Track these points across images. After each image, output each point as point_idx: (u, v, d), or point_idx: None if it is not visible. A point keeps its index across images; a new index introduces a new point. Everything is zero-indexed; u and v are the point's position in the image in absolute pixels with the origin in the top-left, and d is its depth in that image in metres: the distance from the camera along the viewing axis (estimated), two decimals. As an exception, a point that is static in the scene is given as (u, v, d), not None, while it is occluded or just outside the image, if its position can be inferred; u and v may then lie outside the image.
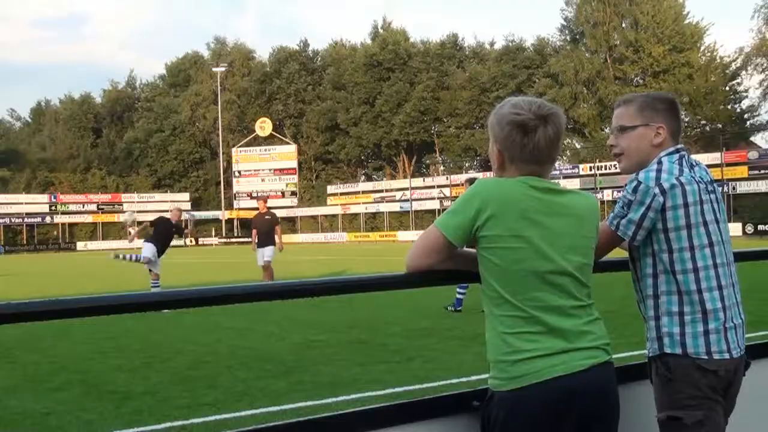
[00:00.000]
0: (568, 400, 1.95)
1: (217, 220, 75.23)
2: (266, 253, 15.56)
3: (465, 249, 2.08)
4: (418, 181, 68.33)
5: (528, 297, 1.97)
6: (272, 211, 16.59)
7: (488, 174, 9.17)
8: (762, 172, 48.14)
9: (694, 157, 2.44)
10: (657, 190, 2.23)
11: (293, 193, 76.44)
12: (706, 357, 2.26)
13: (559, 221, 2.01)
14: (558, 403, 1.94)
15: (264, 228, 15.78)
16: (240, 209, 75.83)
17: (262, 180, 76.28)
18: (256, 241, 15.93)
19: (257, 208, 16.45)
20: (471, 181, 11.35)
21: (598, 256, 2.27)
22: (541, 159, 2.05)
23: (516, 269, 1.96)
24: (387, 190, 69.95)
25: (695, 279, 2.27)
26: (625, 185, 2.31)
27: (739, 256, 2.63)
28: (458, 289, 10.84)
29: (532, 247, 1.96)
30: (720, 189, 2.48)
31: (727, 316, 2.32)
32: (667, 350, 2.26)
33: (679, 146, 2.39)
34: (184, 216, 15.05)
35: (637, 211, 2.24)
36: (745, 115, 58.80)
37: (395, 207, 68.03)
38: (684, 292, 2.27)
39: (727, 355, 2.29)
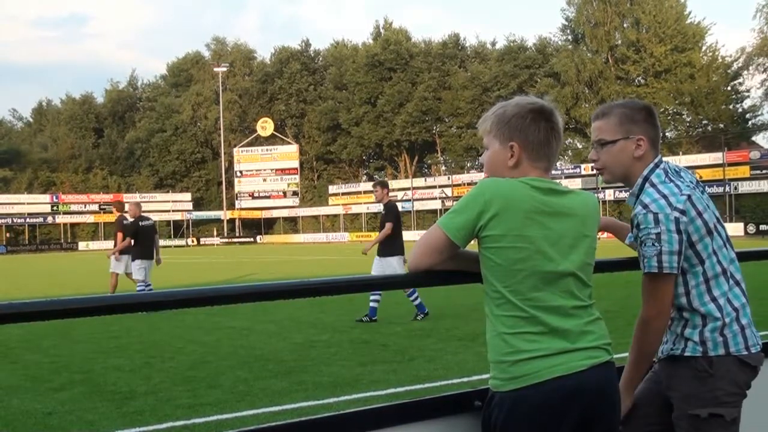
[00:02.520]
0: (569, 400, 1.95)
1: (218, 220, 75.28)
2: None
3: (466, 249, 2.08)
4: (419, 181, 68.34)
5: (529, 297, 1.97)
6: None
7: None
8: (764, 171, 48.11)
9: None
10: (677, 213, 2.23)
11: (295, 193, 76.47)
12: (746, 352, 2.29)
13: (561, 222, 2.01)
14: (558, 404, 1.94)
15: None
16: (242, 209, 75.88)
17: (264, 180, 76.32)
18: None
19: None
20: (382, 183, 10.96)
21: (655, 310, 2.26)
22: (550, 154, 2.08)
23: (518, 269, 1.96)
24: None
25: (725, 280, 2.32)
26: (636, 224, 2.27)
27: (741, 256, 2.63)
28: (371, 297, 10.37)
29: (535, 247, 1.96)
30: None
31: (748, 310, 2.37)
32: (711, 354, 2.28)
33: (656, 160, 2.39)
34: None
35: (671, 241, 2.21)
36: (747, 115, 58.77)
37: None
38: (717, 297, 2.30)
39: (759, 347, 2.34)
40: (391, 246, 10.57)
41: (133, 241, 13.49)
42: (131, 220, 13.58)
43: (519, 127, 2.06)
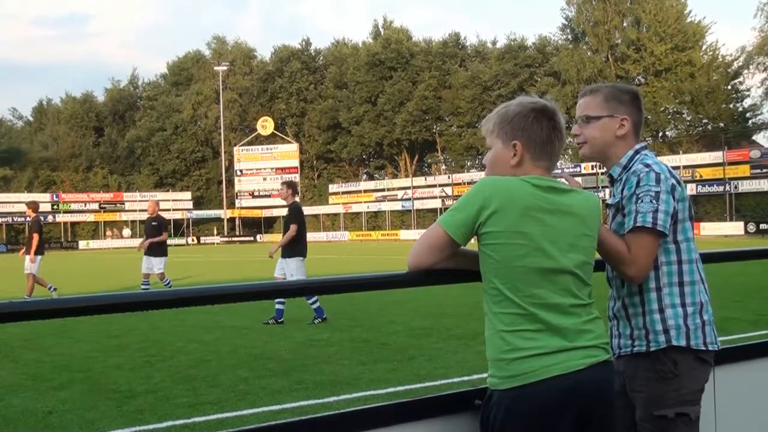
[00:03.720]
0: (567, 399, 1.95)
1: (218, 219, 75.26)
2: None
3: (466, 248, 2.08)
4: (420, 180, 68.28)
5: (528, 294, 1.97)
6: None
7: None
8: (764, 170, 48.06)
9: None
10: (674, 181, 2.27)
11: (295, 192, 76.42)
12: (704, 348, 2.29)
13: (561, 220, 2.01)
14: (556, 402, 1.95)
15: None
16: (242, 208, 75.85)
17: (264, 179, 76.27)
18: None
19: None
20: (288, 183, 11.06)
21: (645, 266, 2.25)
22: (553, 153, 2.09)
23: (517, 266, 1.97)
24: (389, 189, 69.93)
25: (691, 270, 2.33)
26: (636, 181, 2.28)
27: (741, 255, 2.63)
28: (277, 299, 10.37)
29: (534, 244, 1.97)
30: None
31: (710, 308, 2.38)
32: (674, 342, 2.27)
33: (643, 144, 2.43)
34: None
35: (667, 202, 2.23)
36: (747, 114, 58.69)
37: (397, 206, 67.99)
38: (685, 283, 2.31)
39: (716, 347, 2.35)
40: (291, 248, 10.69)
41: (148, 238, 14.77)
42: (152, 216, 14.86)
43: (522, 126, 2.07)
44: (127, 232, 70.01)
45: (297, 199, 11.11)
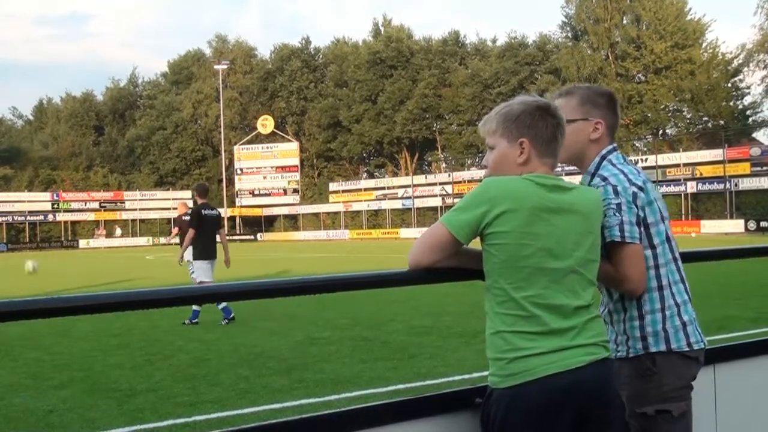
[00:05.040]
0: (566, 396, 1.96)
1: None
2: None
3: (467, 246, 2.08)
4: (420, 179, 68.24)
5: (532, 294, 1.97)
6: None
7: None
8: (764, 168, 47.98)
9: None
10: (635, 188, 2.26)
11: (295, 191, 76.41)
12: (687, 349, 2.30)
13: (566, 218, 2.02)
14: (555, 400, 1.95)
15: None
16: (242, 207, 75.84)
17: (264, 177, 76.24)
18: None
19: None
20: (196, 188, 11.34)
21: (640, 279, 2.25)
22: (557, 151, 2.11)
23: (522, 266, 1.97)
24: (389, 188, 69.90)
25: (668, 272, 2.32)
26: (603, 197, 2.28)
27: (740, 253, 2.63)
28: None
29: (540, 244, 1.97)
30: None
31: (690, 307, 2.36)
32: (653, 349, 2.28)
33: (613, 146, 2.41)
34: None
35: (630, 212, 2.23)
36: (747, 112, 58.64)
37: (397, 204, 67.98)
38: (663, 287, 2.31)
39: (702, 345, 2.34)
40: (197, 250, 10.81)
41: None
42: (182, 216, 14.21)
43: (528, 124, 2.07)
44: (118, 231, 69.88)
45: (206, 200, 11.37)
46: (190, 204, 13.99)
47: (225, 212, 74.48)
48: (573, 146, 2.39)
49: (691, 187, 49.68)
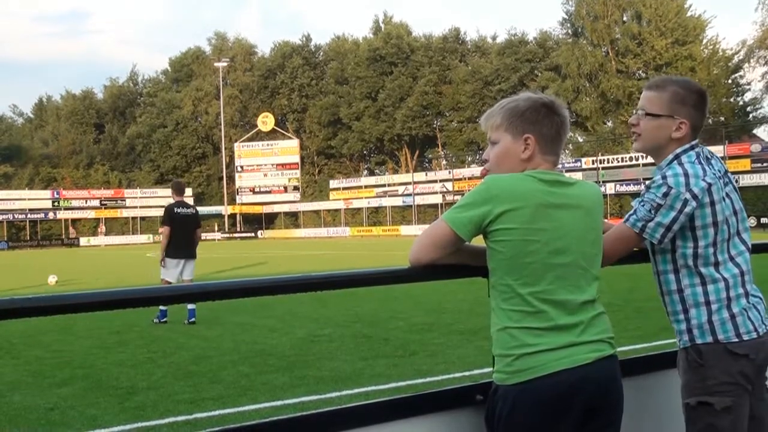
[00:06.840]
0: (572, 393, 1.96)
1: (219, 216, 75.23)
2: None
3: (469, 243, 2.07)
4: (420, 176, 68.23)
5: (538, 290, 1.97)
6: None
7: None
8: (765, 164, 48.02)
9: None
10: (689, 195, 2.24)
11: (296, 188, 76.40)
12: (736, 340, 2.29)
13: (570, 213, 2.02)
14: (562, 396, 1.95)
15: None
16: (243, 204, 75.84)
17: (265, 175, 76.23)
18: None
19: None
20: (174, 186, 11.39)
21: (613, 256, 2.29)
22: (560, 148, 2.12)
23: (527, 262, 1.97)
24: (389, 185, 69.91)
25: (716, 270, 2.32)
26: (648, 186, 2.30)
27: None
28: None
29: (545, 239, 1.97)
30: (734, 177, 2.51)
31: (749, 299, 2.36)
32: (698, 341, 2.31)
33: (693, 142, 2.40)
34: None
35: (666, 216, 2.24)
36: (748, 108, 58.67)
37: (398, 201, 68.00)
38: (708, 282, 2.31)
39: (754, 334, 2.32)
40: (168, 248, 10.79)
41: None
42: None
43: (534, 120, 2.07)
44: (102, 229, 69.64)
45: (182, 198, 11.33)
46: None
47: (225, 210, 74.59)
48: (654, 140, 2.40)
49: (692, 183, 49.54)
